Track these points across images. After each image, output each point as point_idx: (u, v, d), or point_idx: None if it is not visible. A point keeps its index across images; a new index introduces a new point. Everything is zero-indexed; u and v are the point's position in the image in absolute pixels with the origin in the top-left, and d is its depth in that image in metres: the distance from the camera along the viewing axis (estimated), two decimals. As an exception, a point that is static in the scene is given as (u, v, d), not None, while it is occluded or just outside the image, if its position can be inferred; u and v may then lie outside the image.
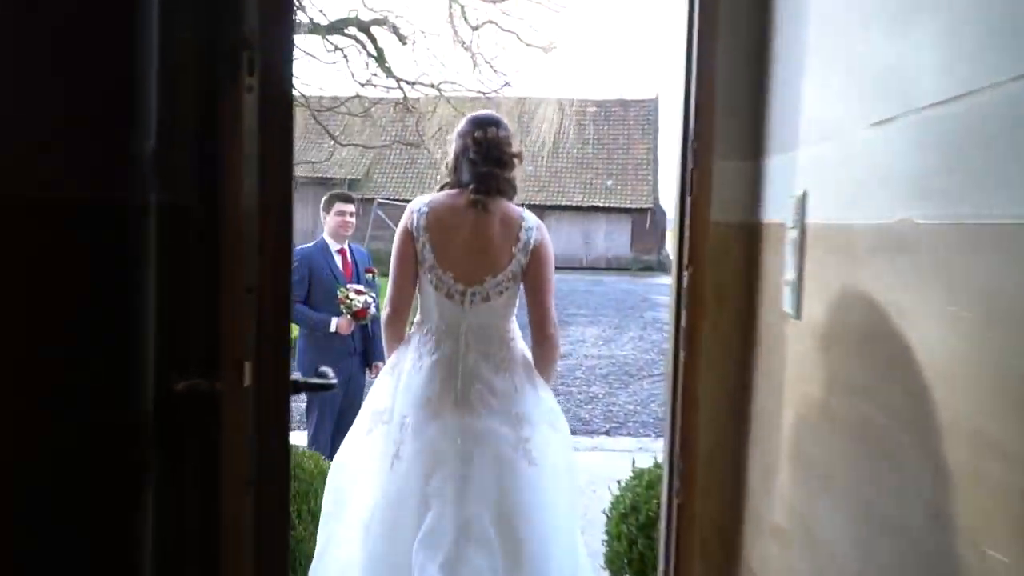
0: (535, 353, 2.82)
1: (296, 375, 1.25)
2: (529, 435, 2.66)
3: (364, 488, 2.69)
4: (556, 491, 2.72)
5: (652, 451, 7.51)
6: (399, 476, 2.60)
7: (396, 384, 2.74)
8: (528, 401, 2.70)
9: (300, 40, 18.40)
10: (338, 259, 5.46)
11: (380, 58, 19.42)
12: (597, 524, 5.58)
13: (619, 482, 3.66)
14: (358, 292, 5.25)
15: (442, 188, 2.85)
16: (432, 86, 19.44)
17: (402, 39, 19.38)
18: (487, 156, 2.72)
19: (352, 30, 19.07)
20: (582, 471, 6.63)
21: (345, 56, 18.81)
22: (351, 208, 5.55)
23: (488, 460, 2.59)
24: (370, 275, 5.61)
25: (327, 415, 5.42)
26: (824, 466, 1.51)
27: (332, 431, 5.49)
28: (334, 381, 1.35)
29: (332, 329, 5.26)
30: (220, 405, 1.02)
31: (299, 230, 5.99)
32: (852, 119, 1.45)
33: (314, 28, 18.20)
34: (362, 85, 19.19)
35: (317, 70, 63.64)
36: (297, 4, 17.83)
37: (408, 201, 3.01)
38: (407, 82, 19.49)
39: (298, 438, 6.49)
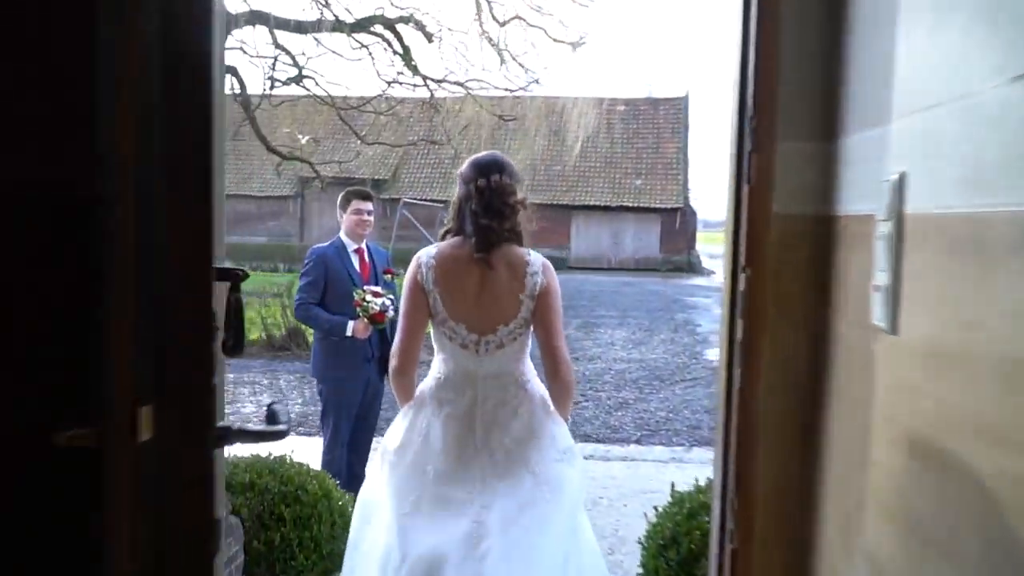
0: (550, 393, 2.80)
1: (229, 420, 0.94)
2: (547, 477, 2.66)
3: (380, 534, 2.64)
4: (574, 526, 2.73)
5: (686, 462, 7.13)
6: (420, 528, 2.56)
7: (414, 428, 2.73)
8: (545, 443, 2.71)
9: (325, 38, 18.25)
10: (355, 259, 5.16)
11: (406, 56, 19.19)
12: (628, 542, 5.24)
13: (656, 508, 3.31)
14: (375, 294, 4.93)
15: (445, 234, 2.81)
16: (459, 84, 19.15)
17: (428, 36, 19.11)
18: (488, 207, 2.68)
19: (378, 28, 18.84)
20: (612, 483, 6.30)
21: (371, 54, 18.59)
22: (369, 206, 5.23)
23: (509, 507, 2.58)
24: (389, 276, 5.30)
25: (343, 423, 5.11)
26: (938, 529, 1.16)
27: (349, 440, 5.19)
28: (284, 427, 1.02)
29: (348, 333, 4.95)
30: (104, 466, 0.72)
31: (329, 230, 5.60)
32: (979, 75, 1.10)
33: (339, 26, 18.00)
34: (388, 84, 18.97)
35: (343, 68, 63.80)
36: (324, 2, 17.66)
37: (435, 201, 3.12)
38: (433, 80, 19.23)
39: (313, 445, 6.22)
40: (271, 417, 1.04)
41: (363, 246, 5.20)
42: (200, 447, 0.79)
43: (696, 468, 6.88)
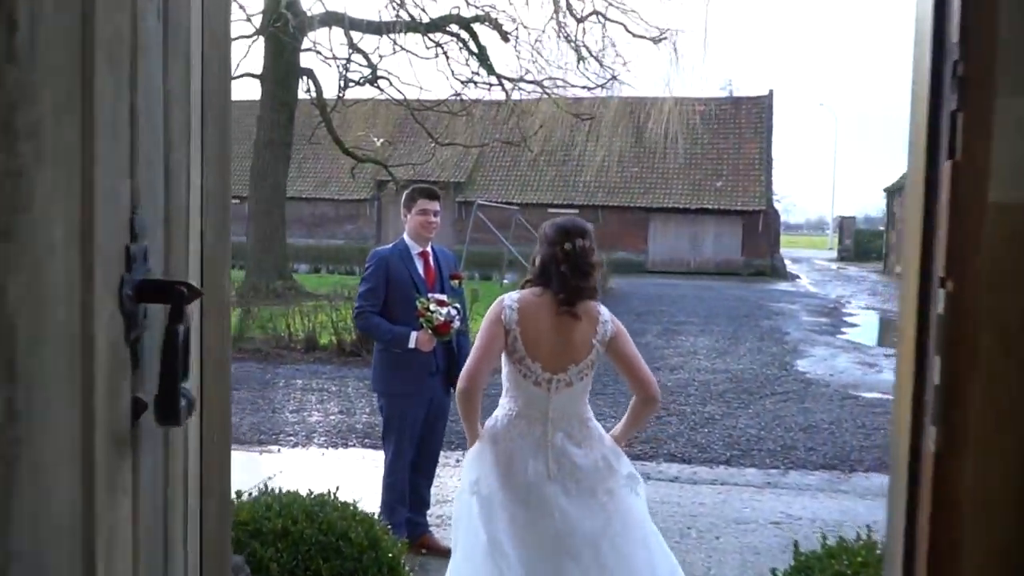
0: (639, 411, 3.14)
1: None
2: (616, 507, 2.95)
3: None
4: (648, 547, 3.00)
5: (783, 488, 6.43)
6: (513, 550, 2.83)
7: (492, 460, 3.02)
8: (610, 475, 3.01)
9: (400, 38, 18.04)
10: (419, 263, 4.70)
11: (482, 56, 18.84)
12: (723, 583, 4.65)
13: (774, 573, 2.73)
14: (440, 303, 4.46)
15: (526, 283, 3.20)
16: (535, 83, 18.70)
17: (504, 35, 18.73)
18: (575, 268, 3.00)
19: (453, 27, 18.55)
20: (701, 511, 5.68)
21: (445, 53, 18.30)
22: (435, 206, 4.75)
23: (588, 539, 2.86)
24: (456, 282, 4.83)
25: (406, 442, 4.67)
26: None
27: (413, 460, 4.74)
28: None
29: (411, 345, 4.50)
30: None
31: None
32: None
33: (414, 25, 17.77)
34: (463, 83, 18.65)
35: (416, 69, 63.80)
36: (399, 2, 17.46)
37: (510, 204, 3.85)
38: (509, 79, 18.82)
39: (374, 459, 5.83)
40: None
41: (428, 249, 4.74)
42: None
43: (794, 496, 6.19)
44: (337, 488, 3.09)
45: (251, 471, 6.47)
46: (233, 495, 2.71)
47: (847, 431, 7.92)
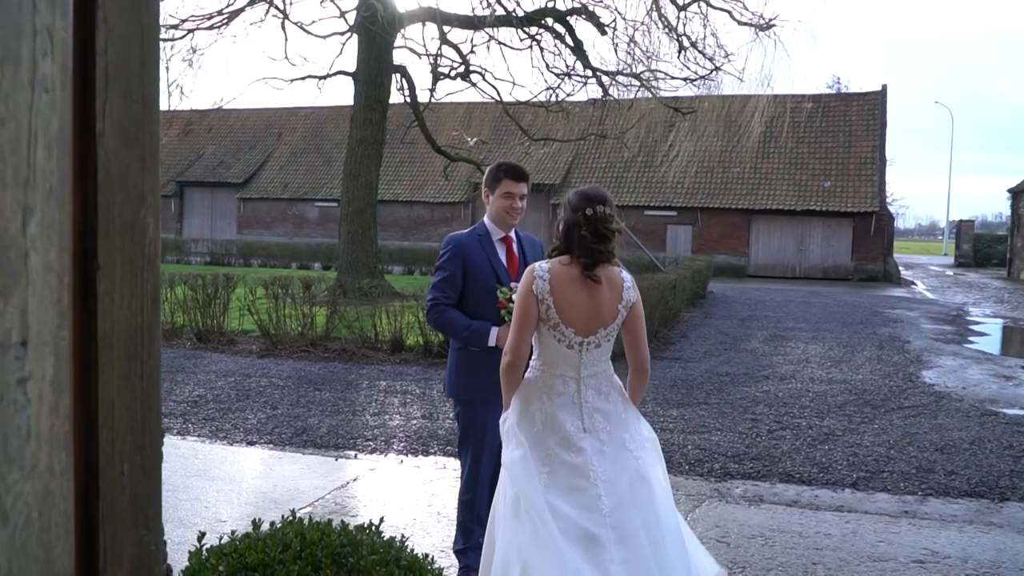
0: (633, 383, 3.34)
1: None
2: (640, 455, 3.16)
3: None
4: (668, 499, 3.17)
5: (923, 518, 5.43)
6: (559, 498, 2.99)
7: (530, 416, 3.18)
8: (632, 426, 3.24)
9: (494, 32, 17.58)
10: (501, 250, 4.09)
11: (578, 50, 18.19)
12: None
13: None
14: (524, 294, 3.85)
15: (552, 252, 3.29)
16: (633, 75, 17.88)
17: (601, 28, 18.02)
18: (595, 232, 3.15)
19: (548, 20, 17.97)
20: (827, 543, 4.86)
21: (540, 45, 17.71)
22: (522, 189, 4.12)
23: (623, 487, 3.04)
24: (542, 273, 4.22)
25: (484, 456, 4.08)
26: None
27: (491, 474, 4.13)
28: None
29: (491, 343, 3.90)
30: None
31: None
32: None
33: (507, 20, 17.27)
34: (558, 77, 18.03)
35: (509, 64, 63.41)
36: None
37: None
38: (605, 73, 18.08)
39: (455, 469, 5.26)
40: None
41: (512, 234, 4.14)
42: None
43: (937, 528, 5.20)
44: (381, 520, 2.47)
45: (325, 478, 6.00)
46: (250, 526, 2.16)
47: (991, 452, 6.89)
